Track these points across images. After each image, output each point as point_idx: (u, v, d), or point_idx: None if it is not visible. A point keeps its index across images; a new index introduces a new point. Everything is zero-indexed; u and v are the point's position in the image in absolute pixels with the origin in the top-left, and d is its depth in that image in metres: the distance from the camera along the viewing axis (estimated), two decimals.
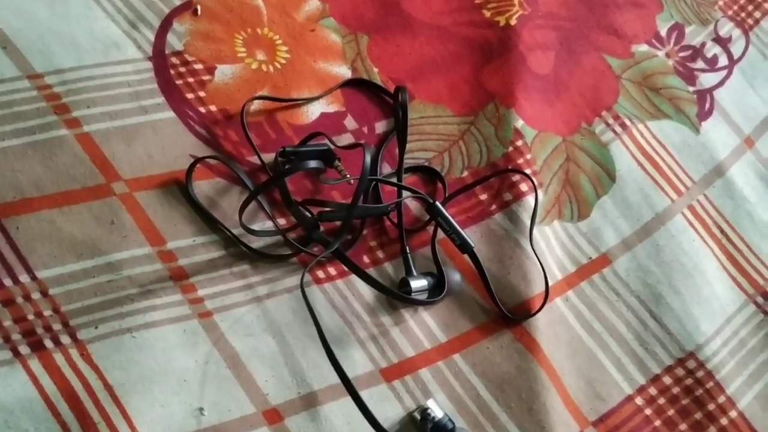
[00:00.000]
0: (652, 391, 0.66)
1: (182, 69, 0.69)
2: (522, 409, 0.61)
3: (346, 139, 0.70)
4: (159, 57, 0.69)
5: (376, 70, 0.75)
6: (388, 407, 0.59)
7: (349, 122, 0.72)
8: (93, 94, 0.65)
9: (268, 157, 0.67)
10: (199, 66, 0.70)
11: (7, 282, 0.56)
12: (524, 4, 0.83)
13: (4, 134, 0.61)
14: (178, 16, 0.73)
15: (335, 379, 0.58)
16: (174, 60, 0.70)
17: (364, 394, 0.59)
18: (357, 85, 0.74)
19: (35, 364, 0.53)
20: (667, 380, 0.67)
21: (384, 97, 0.74)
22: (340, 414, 0.58)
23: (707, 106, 0.84)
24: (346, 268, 0.63)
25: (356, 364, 0.60)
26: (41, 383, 0.53)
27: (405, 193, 0.68)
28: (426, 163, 0.72)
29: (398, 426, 0.59)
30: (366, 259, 0.65)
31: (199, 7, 0.73)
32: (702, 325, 0.70)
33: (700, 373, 0.68)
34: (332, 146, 0.67)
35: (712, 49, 0.88)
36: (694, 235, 0.75)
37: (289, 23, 0.76)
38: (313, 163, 0.64)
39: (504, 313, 0.65)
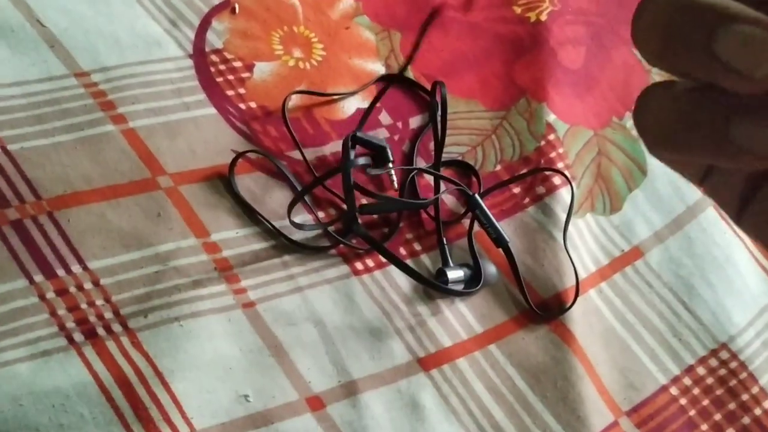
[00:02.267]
0: (687, 381, 0.67)
1: (222, 66, 0.71)
2: (557, 398, 0.62)
3: (381, 134, 0.72)
4: (199, 55, 0.71)
5: (408, 66, 0.77)
6: (427, 396, 0.60)
7: (384, 117, 0.73)
8: (137, 90, 0.67)
9: (307, 152, 0.68)
10: (238, 63, 0.72)
11: (60, 272, 0.58)
12: (554, 0, 0.84)
13: (55, 130, 0.63)
14: (217, 14, 0.74)
15: (374, 368, 0.59)
16: (214, 58, 0.71)
17: (403, 384, 0.60)
18: (391, 81, 0.75)
19: (89, 351, 0.55)
20: (701, 371, 0.67)
21: (418, 92, 0.75)
22: (379, 402, 0.59)
23: None
24: (383, 260, 0.64)
25: (395, 354, 0.62)
26: (95, 369, 0.55)
27: (443, 186, 0.69)
28: (460, 158, 0.73)
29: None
30: (403, 251, 0.67)
31: (236, 6, 0.75)
32: (734, 317, 0.70)
33: (733, 364, 0.68)
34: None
35: None
36: (725, 228, 0.75)
37: (324, 21, 0.77)
38: (362, 161, 0.65)
39: (535, 310, 0.65)
